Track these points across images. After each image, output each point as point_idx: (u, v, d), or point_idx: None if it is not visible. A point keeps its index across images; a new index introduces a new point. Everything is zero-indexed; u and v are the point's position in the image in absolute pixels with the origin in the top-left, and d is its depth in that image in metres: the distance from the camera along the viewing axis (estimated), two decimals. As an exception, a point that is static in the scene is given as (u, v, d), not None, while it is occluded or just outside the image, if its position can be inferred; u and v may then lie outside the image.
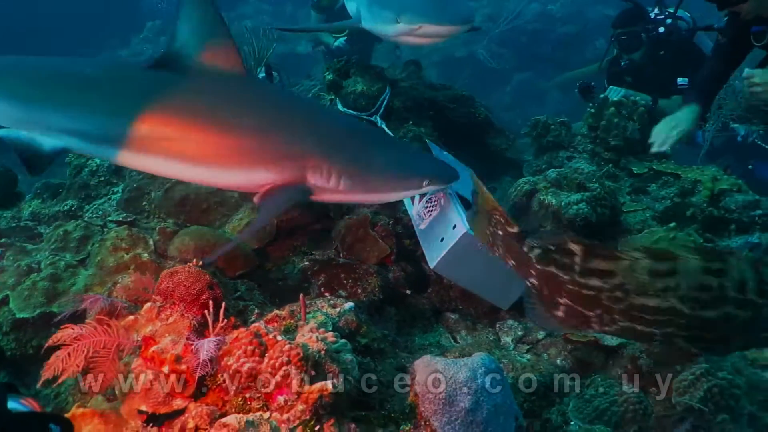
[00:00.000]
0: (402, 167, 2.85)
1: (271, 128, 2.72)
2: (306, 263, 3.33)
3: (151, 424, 1.90)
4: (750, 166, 5.83)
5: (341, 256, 3.31)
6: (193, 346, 1.99)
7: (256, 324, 2.02)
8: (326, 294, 2.96)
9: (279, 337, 1.95)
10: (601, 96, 4.57)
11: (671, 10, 5.34)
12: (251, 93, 2.82)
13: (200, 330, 2.12)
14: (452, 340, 3.18)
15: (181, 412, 1.92)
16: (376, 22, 3.90)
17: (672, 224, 3.45)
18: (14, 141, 2.72)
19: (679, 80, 5.10)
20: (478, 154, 4.49)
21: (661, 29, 5.23)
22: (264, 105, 2.81)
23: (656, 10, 5.41)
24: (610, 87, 5.00)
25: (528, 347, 3.09)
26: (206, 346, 1.97)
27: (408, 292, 3.27)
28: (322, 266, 3.21)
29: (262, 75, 5.94)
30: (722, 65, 3.71)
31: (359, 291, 3.02)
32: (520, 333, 3.17)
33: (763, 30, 3.31)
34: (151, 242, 3.14)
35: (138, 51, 12.04)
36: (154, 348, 1.97)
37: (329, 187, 2.70)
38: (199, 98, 2.70)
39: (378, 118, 3.96)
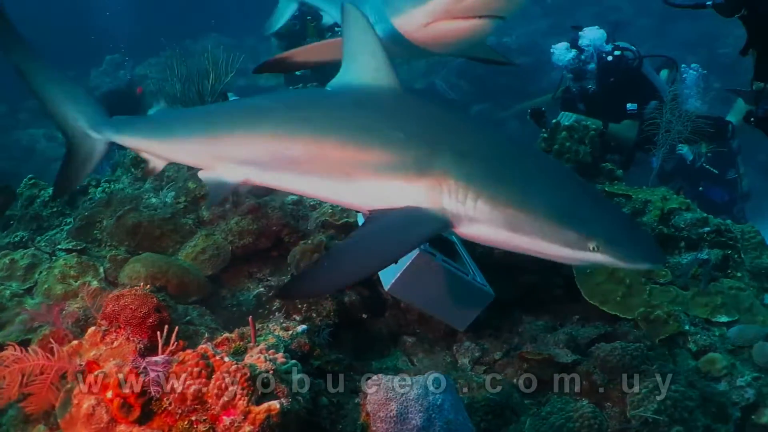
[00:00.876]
0: (571, 213, 2.11)
1: (409, 140, 2.30)
2: (261, 289, 3.31)
3: (93, 451, 1.84)
4: (701, 188, 6.01)
5: (297, 281, 3.29)
6: (138, 370, 1.94)
7: (203, 346, 1.99)
8: (280, 318, 2.93)
9: (226, 359, 1.92)
10: (554, 121, 4.66)
11: (619, 43, 5.55)
12: (404, 107, 2.50)
13: (147, 353, 2.08)
14: (409, 363, 3.17)
15: (125, 438, 1.87)
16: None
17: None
18: (210, 180, 2.72)
19: (629, 106, 5.26)
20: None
21: (609, 58, 5.42)
22: (411, 117, 2.45)
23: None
24: (562, 113, 5.13)
25: (485, 368, 3.10)
26: (152, 370, 1.93)
27: (364, 316, 3.25)
28: (277, 294, 3.18)
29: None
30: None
31: (314, 315, 2.99)
32: (477, 354, 3.17)
33: None
34: (101, 270, 3.08)
35: (97, 84, 11.95)
36: (97, 372, 1.92)
37: (467, 215, 2.17)
38: (349, 115, 2.52)
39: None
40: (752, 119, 3.27)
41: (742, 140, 6.61)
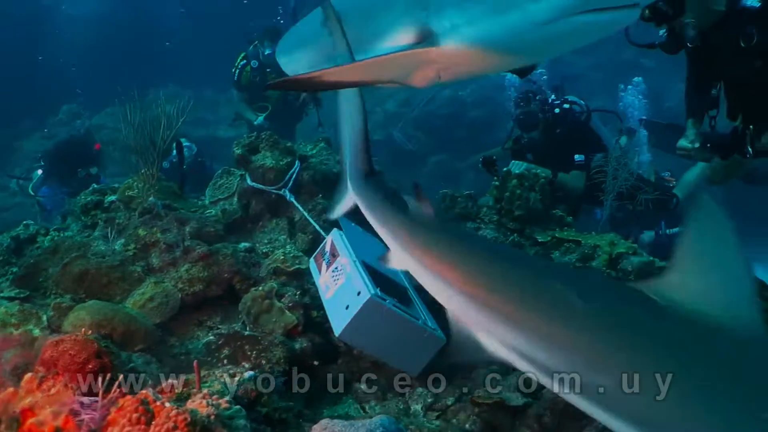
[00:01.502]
0: None
1: None
2: (211, 337, 3.25)
3: (23, 503, 1.77)
4: (660, 231, 6.18)
5: (247, 328, 3.25)
6: (75, 418, 1.89)
7: (144, 391, 1.94)
8: (228, 365, 2.88)
9: (167, 404, 1.88)
10: (505, 169, 4.77)
11: (568, 97, 5.78)
12: None
13: (85, 402, 2.02)
14: (361, 411, 3.12)
15: (59, 489, 1.80)
16: None
17: (573, 287, 3.56)
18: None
19: (576, 156, 5.44)
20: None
21: (557, 110, 5.63)
22: None
23: (553, 95, 5.83)
24: (513, 161, 5.26)
25: (437, 413, 3.07)
26: (90, 417, 1.88)
27: (316, 363, 3.21)
28: (227, 339, 3.13)
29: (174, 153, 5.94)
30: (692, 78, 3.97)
31: (263, 362, 2.94)
32: (429, 400, 3.15)
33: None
34: (44, 318, 3.00)
35: (54, 133, 11.83)
36: (32, 420, 1.86)
37: None
38: None
39: (287, 192, 3.99)
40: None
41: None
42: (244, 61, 7.82)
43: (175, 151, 5.82)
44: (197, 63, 12.73)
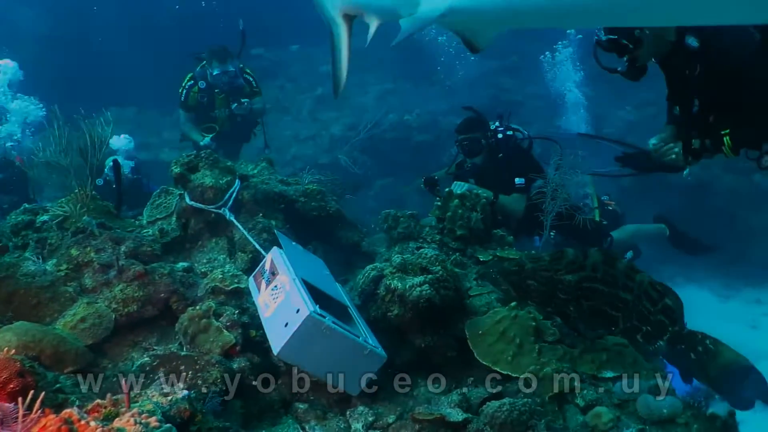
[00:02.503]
0: None
1: None
2: (146, 359, 3.15)
3: None
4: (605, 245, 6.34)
5: (184, 348, 3.17)
6: (-7, 440, 1.80)
7: (68, 410, 1.87)
8: (162, 385, 2.80)
9: (92, 423, 1.81)
10: (447, 190, 4.82)
11: (511, 125, 5.92)
12: None
13: (7, 422, 1.93)
14: (301, 431, 3.07)
15: None
16: None
17: (513, 303, 3.61)
18: None
19: (517, 180, 5.56)
20: (331, 247, 4.54)
21: (500, 135, 5.75)
22: None
23: (497, 123, 5.96)
24: (455, 182, 5.32)
25: (378, 432, 3.04)
26: (9, 438, 1.79)
27: (254, 383, 3.15)
28: (162, 360, 3.04)
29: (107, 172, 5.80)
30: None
31: (200, 383, 2.87)
32: (370, 419, 3.12)
33: None
34: (-33, 341, 2.86)
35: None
36: (-55, 444, 1.77)
37: None
38: None
39: (226, 211, 3.93)
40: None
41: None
42: (192, 81, 7.74)
43: (109, 169, 5.70)
44: (140, 85, 12.53)
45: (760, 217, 9.56)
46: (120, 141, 7.50)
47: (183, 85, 7.80)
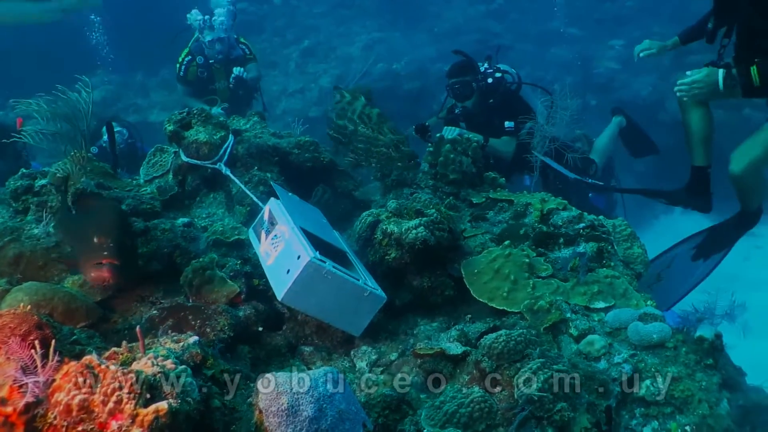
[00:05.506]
0: None
1: None
2: (154, 312, 3.25)
3: (-28, 470, 1.79)
4: (590, 195, 6.44)
5: (190, 300, 3.28)
6: (20, 387, 1.91)
7: (88, 356, 1.97)
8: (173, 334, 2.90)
9: (112, 367, 1.92)
10: (438, 135, 4.87)
11: (500, 66, 5.93)
12: None
13: (29, 372, 2.03)
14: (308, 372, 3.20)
15: (8, 456, 1.82)
16: None
17: (506, 242, 3.71)
18: None
19: (507, 123, 5.61)
20: (327, 195, 4.63)
21: (490, 80, 5.76)
22: None
23: (486, 65, 5.96)
24: (446, 127, 5.37)
25: (382, 369, 3.18)
26: (35, 385, 1.90)
27: (260, 329, 3.27)
28: (170, 312, 3.14)
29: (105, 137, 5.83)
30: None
31: (208, 330, 2.99)
32: (373, 357, 3.25)
33: None
34: (-20, 302, 2.96)
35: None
36: (-26, 392, 1.87)
37: None
38: None
39: (222, 165, 4.00)
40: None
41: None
42: (189, 57, 7.67)
43: (106, 135, 5.73)
44: (125, 49, 12.40)
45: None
46: None
47: (180, 60, 7.73)
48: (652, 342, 3.20)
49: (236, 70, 7.53)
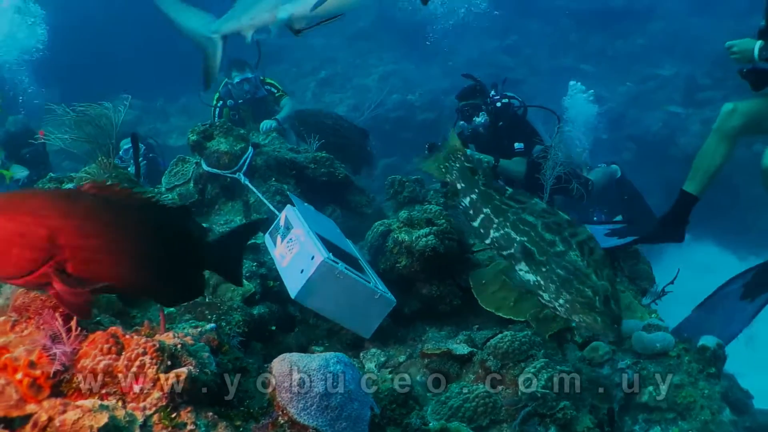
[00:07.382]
0: None
1: None
2: (172, 309, 3.37)
3: (2, 425, 1.89)
4: (594, 218, 6.55)
5: (207, 297, 3.39)
6: (48, 353, 2.02)
7: (114, 327, 2.09)
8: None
9: (136, 336, 2.03)
10: (450, 155, 5.00)
11: (506, 92, 6.11)
12: None
13: (58, 341, 2.15)
14: (318, 371, 3.29)
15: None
16: None
17: (514, 254, 3.81)
18: None
19: (516, 145, 5.75)
20: (341, 210, 4.76)
21: (499, 104, 5.94)
22: None
23: (493, 91, 6.15)
24: (458, 148, 5.51)
25: (390, 369, 3.26)
26: (62, 350, 2.01)
27: (273, 328, 3.37)
28: (188, 307, 3.26)
29: (128, 146, 6.00)
30: None
31: (224, 325, 3.10)
32: (382, 359, 3.34)
33: None
34: (7, 291, 3.08)
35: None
36: (7, 356, 1.98)
37: None
38: None
39: (242, 175, 4.15)
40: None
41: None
42: (221, 102, 7.87)
43: (124, 152, 5.92)
44: (147, 75, 12.73)
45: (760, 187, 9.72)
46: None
47: (213, 104, 7.93)
48: (656, 350, 3.27)
49: (264, 125, 7.36)
